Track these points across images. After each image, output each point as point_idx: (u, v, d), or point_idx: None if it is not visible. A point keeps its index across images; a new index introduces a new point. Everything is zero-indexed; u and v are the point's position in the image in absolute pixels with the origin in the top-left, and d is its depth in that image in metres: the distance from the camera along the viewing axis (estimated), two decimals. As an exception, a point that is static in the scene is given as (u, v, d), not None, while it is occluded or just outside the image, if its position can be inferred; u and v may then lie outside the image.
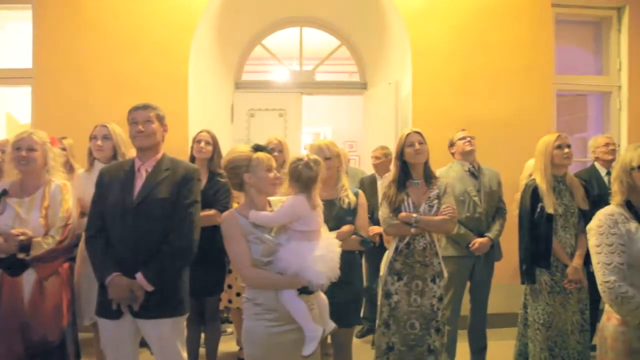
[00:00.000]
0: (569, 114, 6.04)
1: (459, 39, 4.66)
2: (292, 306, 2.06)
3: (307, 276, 2.06)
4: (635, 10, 4.98)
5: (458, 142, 3.50)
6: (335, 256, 2.17)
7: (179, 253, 2.26)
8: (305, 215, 2.16)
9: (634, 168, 2.10)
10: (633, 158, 2.11)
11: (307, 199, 2.18)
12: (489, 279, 3.51)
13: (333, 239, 2.21)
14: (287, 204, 2.15)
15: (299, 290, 2.07)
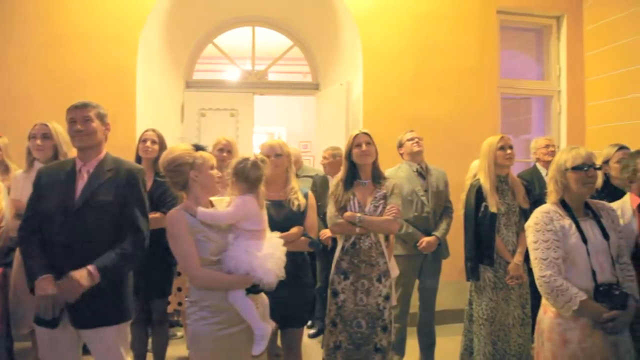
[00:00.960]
0: (514, 116, 6.28)
1: (409, 41, 4.76)
2: (241, 306, 2.04)
3: (258, 275, 2.04)
4: (572, 20, 5.24)
5: (406, 143, 3.56)
6: (282, 255, 2.18)
7: (128, 258, 2.15)
8: (255, 214, 2.15)
9: (568, 169, 2.21)
10: (567, 159, 2.22)
11: (256, 198, 2.18)
12: (437, 276, 3.59)
13: (276, 239, 2.21)
14: (238, 203, 2.13)
15: (248, 290, 2.05)
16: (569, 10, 5.24)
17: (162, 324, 3.21)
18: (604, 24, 4.98)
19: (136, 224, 2.19)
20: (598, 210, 2.27)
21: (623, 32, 4.71)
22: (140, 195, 2.25)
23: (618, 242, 2.21)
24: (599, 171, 3.16)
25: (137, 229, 2.19)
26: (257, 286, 2.04)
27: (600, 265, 2.12)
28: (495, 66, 5.01)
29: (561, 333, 2.15)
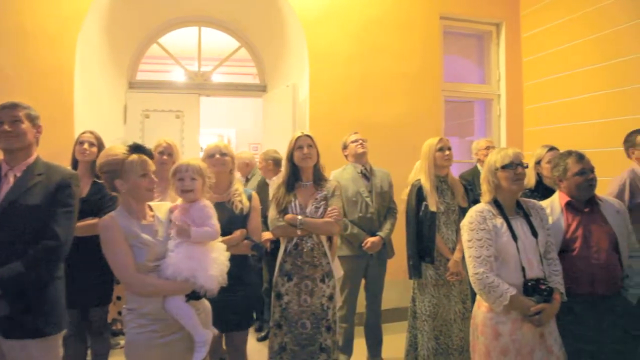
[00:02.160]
0: (458, 118, 6.48)
1: (355, 45, 4.82)
2: (180, 313, 2.00)
3: (200, 281, 2.01)
4: (510, 27, 5.47)
5: (350, 145, 3.61)
6: (225, 260, 2.15)
7: (36, 266, 2.01)
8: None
9: (498, 168, 2.31)
10: (497, 160, 2.32)
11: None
12: (382, 276, 3.65)
13: (219, 243, 2.18)
14: (211, 210, 2.14)
15: (188, 296, 2.01)
16: (507, 17, 5.47)
17: (101, 334, 3.10)
18: (540, 32, 5.23)
19: (53, 230, 2.06)
20: (528, 209, 2.38)
21: (558, 39, 4.96)
22: (67, 201, 2.14)
23: (546, 239, 2.32)
24: (533, 171, 3.37)
25: (53, 235, 2.05)
26: (197, 293, 2.01)
27: (529, 261, 2.22)
28: (439, 70, 5.16)
29: (493, 327, 2.24)
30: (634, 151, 3.31)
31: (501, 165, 2.29)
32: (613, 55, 4.34)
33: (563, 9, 4.89)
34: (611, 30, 4.35)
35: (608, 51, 4.39)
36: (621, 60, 4.27)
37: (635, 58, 4.16)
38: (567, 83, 4.85)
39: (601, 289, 2.38)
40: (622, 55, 4.26)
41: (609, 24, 4.36)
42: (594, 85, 4.54)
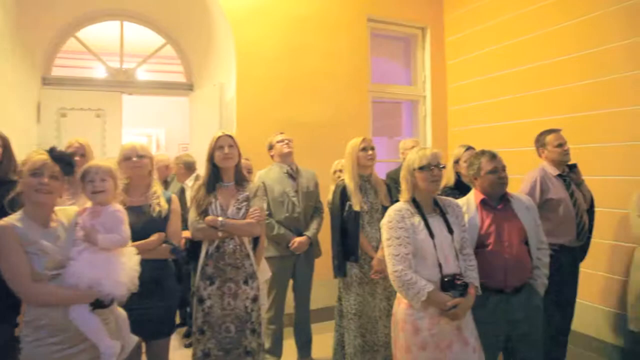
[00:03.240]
0: (387, 119, 6.62)
1: (283, 45, 4.79)
2: (84, 323, 1.88)
3: (105, 289, 1.90)
4: (434, 31, 5.67)
5: (276, 145, 3.58)
6: (135, 265, 2.06)
7: None
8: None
9: (415, 169, 2.37)
10: (415, 160, 2.38)
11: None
12: (310, 275, 3.66)
13: (129, 248, 2.09)
14: (122, 215, 2.04)
15: (92, 305, 1.90)
16: (432, 22, 5.65)
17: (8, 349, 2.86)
18: (463, 36, 5.45)
19: None
20: (445, 207, 2.45)
21: (480, 44, 5.19)
22: None
23: (462, 236, 2.41)
24: (453, 170, 3.49)
25: None
26: (102, 301, 1.90)
27: (445, 258, 2.29)
28: (367, 71, 5.24)
29: (413, 322, 2.29)
30: (544, 151, 3.50)
31: (419, 166, 2.35)
32: (528, 60, 4.61)
33: (484, 15, 5.12)
34: (527, 36, 4.61)
35: (524, 56, 4.65)
36: (535, 65, 4.54)
37: (547, 63, 4.43)
38: (487, 86, 5.09)
39: (512, 281, 2.51)
40: (536, 60, 4.52)
41: (526, 31, 4.62)
42: (511, 88, 4.79)
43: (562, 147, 3.43)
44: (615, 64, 3.87)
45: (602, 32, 3.96)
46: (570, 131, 3.69)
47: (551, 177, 3.41)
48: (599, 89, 4.00)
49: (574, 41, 4.18)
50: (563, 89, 4.29)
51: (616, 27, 3.87)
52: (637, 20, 3.71)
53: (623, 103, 3.82)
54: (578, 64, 4.16)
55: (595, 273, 3.96)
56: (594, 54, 4.04)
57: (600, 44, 3.99)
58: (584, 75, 4.11)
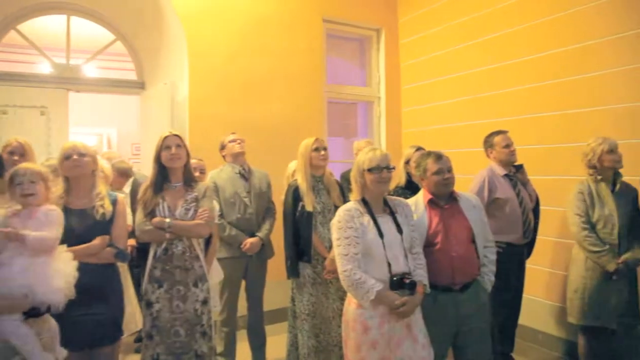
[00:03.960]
0: (344, 119, 6.66)
1: (237, 43, 4.73)
2: (16, 335, 1.78)
3: (39, 296, 1.81)
4: (389, 33, 5.74)
5: (228, 145, 3.54)
6: (72, 270, 1.98)
7: None
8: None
9: (365, 170, 2.38)
10: (365, 161, 2.39)
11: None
12: (263, 277, 3.62)
13: (65, 253, 2.00)
14: (55, 215, 1.98)
15: (26, 314, 1.80)
16: (386, 24, 5.72)
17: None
18: (417, 39, 5.54)
19: None
20: (395, 207, 2.47)
21: (433, 46, 5.29)
22: None
23: (411, 235, 2.44)
24: (404, 170, 3.54)
25: None
26: (38, 309, 1.81)
27: (394, 257, 2.32)
28: (322, 72, 5.25)
29: (363, 322, 2.30)
30: (492, 151, 3.61)
31: (368, 167, 2.37)
32: (478, 64, 4.73)
33: (436, 19, 5.23)
34: (478, 40, 4.74)
35: (474, 60, 4.78)
36: (485, 69, 4.67)
37: (495, 67, 4.56)
38: (439, 88, 5.20)
39: (460, 279, 2.56)
40: (486, 64, 4.65)
41: (477, 35, 4.74)
42: (462, 90, 4.91)
43: (509, 148, 3.54)
44: (559, 68, 4.03)
45: (549, 37, 4.11)
46: (518, 133, 3.83)
47: (499, 177, 3.52)
48: (543, 92, 4.16)
49: (522, 46, 4.32)
50: (511, 92, 4.43)
51: (561, 33, 4.02)
52: (582, 26, 3.88)
53: (566, 106, 3.98)
54: (524, 68, 4.31)
55: (541, 269, 4.11)
56: (539, 59, 4.19)
57: (545, 48, 4.14)
58: (530, 79, 4.26)
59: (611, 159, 3.05)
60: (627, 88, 3.58)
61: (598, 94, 3.77)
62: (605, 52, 3.72)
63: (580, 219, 3.09)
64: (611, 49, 3.68)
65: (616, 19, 3.66)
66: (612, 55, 3.67)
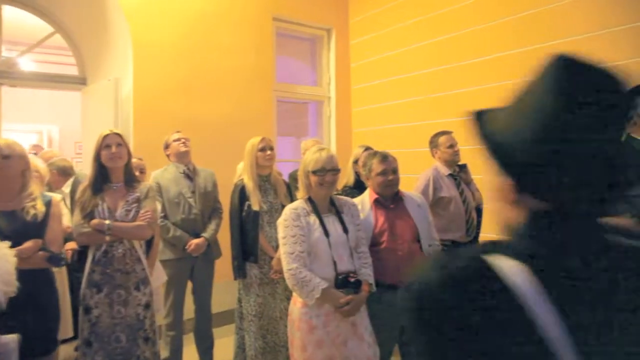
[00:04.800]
0: (295, 118, 6.64)
1: (184, 39, 4.61)
2: None
3: None
4: (339, 34, 5.78)
5: (173, 144, 3.44)
6: (11, 267, 1.87)
7: None
8: None
9: (310, 171, 2.38)
10: (310, 162, 2.39)
11: None
12: (210, 278, 3.55)
13: (5, 249, 1.89)
14: None
15: None
16: (337, 24, 5.75)
17: None
18: (367, 39, 5.60)
19: None
20: (341, 207, 2.49)
21: (383, 47, 5.36)
22: None
23: (357, 234, 2.46)
24: (352, 169, 3.56)
25: None
26: None
27: (339, 256, 2.33)
28: (272, 70, 5.21)
29: (308, 321, 2.30)
30: (437, 151, 3.69)
31: (312, 169, 2.37)
32: (425, 65, 4.84)
33: (386, 21, 5.30)
34: (425, 42, 4.84)
35: (422, 61, 4.88)
36: (431, 70, 4.78)
37: (442, 69, 4.68)
38: (388, 88, 5.28)
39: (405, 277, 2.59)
40: (433, 66, 4.77)
41: (425, 37, 4.85)
42: (410, 91, 5.00)
43: (453, 148, 3.63)
44: (502, 71, 4.18)
45: (493, 41, 4.27)
46: (462, 133, 3.93)
47: (443, 177, 3.60)
48: (486, 94, 4.30)
49: (468, 49, 4.46)
50: (456, 94, 4.56)
51: (505, 37, 4.18)
52: (524, 31, 4.04)
53: (506, 108, 4.13)
54: (469, 70, 4.45)
55: (484, 265, 4.23)
56: (484, 62, 4.34)
57: (489, 52, 4.29)
58: (474, 81, 4.40)
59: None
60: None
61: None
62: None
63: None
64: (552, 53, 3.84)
65: (555, 25, 3.83)
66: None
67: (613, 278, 0.71)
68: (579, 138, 0.66)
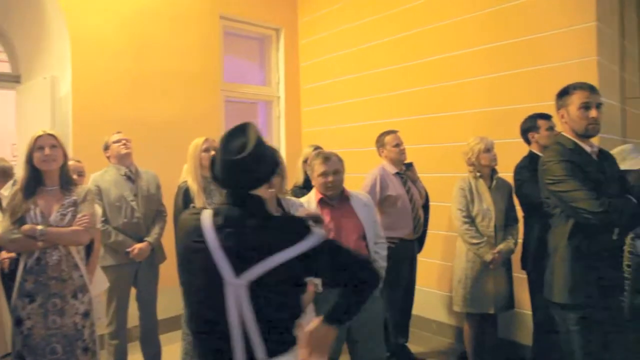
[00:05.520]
0: (244, 118, 6.50)
1: (127, 36, 4.45)
2: None
3: None
4: (288, 33, 5.75)
5: (113, 145, 3.32)
6: None
7: None
8: None
9: None
10: None
11: None
12: (154, 283, 3.45)
13: None
14: None
15: None
16: (286, 24, 5.72)
17: None
18: (316, 39, 5.60)
19: None
20: (288, 208, 2.48)
21: (331, 47, 5.38)
22: None
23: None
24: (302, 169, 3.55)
25: None
26: None
27: None
28: (219, 70, 5.12)
29: None
30: (383, 150, 3.74)
31: None
32: (374, 66, 4.89)
33: (335, 21, 5.32)
34: (374, 43, 4.89)
35: (370, 62, 4.93)
36: (379, 71, 4.84)
37: (390, 69, 4.75)
38: (337, 88, 5.31)
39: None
40: (381, 66, 4.82)
41: (373, 38, 4.89)
42: (358, 91, 5.05)
43: (399, 147, 3.70)
44: (444, 73, 4.29)
45: (436, 44, 4.36)
46: (408, 132, 4.01)
47: (390, 175, 3.66)
48: (431, 94, 4.41)
49: (413, 50, 4.54)
50: (402, 94, 4.63)
51: (446, 40, 4.28)
52: (464, 35, 4.15)
53: (450, 108, 4.25)
54: (414, 72, 4.53)
55: (432, 262, 4.34)
56: (427, 63, 4.44)
57: (432, 54, 4.39)
58: (419, 81, 4.49)
59: (487, 157, 3.29)
60: (503, 93, 3.89)
61: (476, 97, 4.07)
62: (484, 60, 4.01)
63: (461, 214, 3.29)
64: (489, 56, 3.98)
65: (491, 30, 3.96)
66: (490, 62, 3.97)
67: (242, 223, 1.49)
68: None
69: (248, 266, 1.40)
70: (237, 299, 1.40)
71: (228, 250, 1.42)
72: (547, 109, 3.12)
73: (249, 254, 1.42)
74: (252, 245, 1.43)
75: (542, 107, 3.28)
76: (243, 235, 1.44)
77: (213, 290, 1.42)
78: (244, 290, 1.40)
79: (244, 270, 1.41)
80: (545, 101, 2.85)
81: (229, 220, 1.47)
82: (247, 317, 1.40)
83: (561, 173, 2.24)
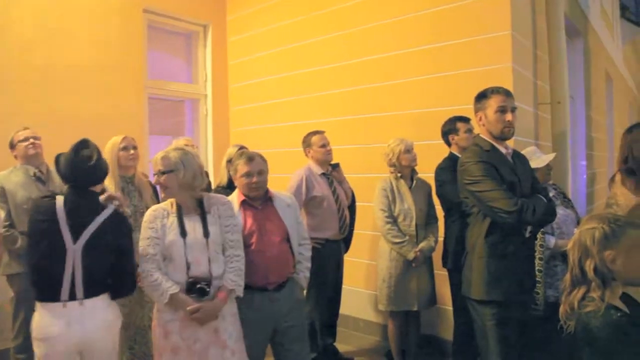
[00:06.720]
0: (170, 116, 6.33)
1: (37, 28, 4.14)
2: None
3: None
4: (217, 30, 5.63)
5: (19, 145, 3.09)
6: None
7: None
8: None
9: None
10: None
11: None
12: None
13: None
14: None
15: None
16: (214, 20, 5.59)
17: None
18: (245, 37, 5.52)
19: None
20: (210, 206, 2.38)
21: (260, 46, 5.33)
22: None
23: (224, 236, 2.36)
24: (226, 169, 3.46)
25: None
26: None
27: (196, 259, 2.26)
28: (142, 66, 4.91)
29: (163, 326, 2.26)
30: (310, 150, 3.74)
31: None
32: (303, 65, 4.90)
33: (265, 19, 5.27)
34: (304, 42, 4.89)
35: (299, 61, 4.93)
36: (308, 71, 4.85)
37: (319, 70, 4.77)
38: (266, 88, 5.27)
39: (274, 278, 2.58)
40: (310, 66, 4.84)
41: (303, 37, 4.89)
42: (287, 91, 5.04)
43: (325, 148, 3.71)
44: (370, 75, 4.38)
45: (361, 46, 4.44)
46: (334, 133, 4.03)
47: (316, 176, 3.67)
48: (356, 96, 4.48)
49: (339, 52, 4.59)
50: (328, 95, 4.68)
51: (371, 43, 4.36)
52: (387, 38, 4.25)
53: (375, 109, 4.34)
54: (340, 73, 4.59)
55: (359, 261, 4.40)
56: (353, 65, 4.51)
57: (358, 56, 4.46)
58: (345, 83, 4.56)
59: (408, 158, 3.38)
60: (426, 95, 4.02)
61: (400, 99, 4.18)
62: (407, 63, 4.14)
63: (383, 214, 3.36)
64: (412, 60, 4.10)
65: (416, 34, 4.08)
66: (412, 65, 4.10)
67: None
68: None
69: (80, 235, 2.09)
70: (74, 259, 2.07)
71: (70, 225, 2.10)
72: (466, 112, 3.25)
73: (81, 228, 2.11)
74: (83, 222, 2.11)
75: (462, 110, 3.42)
76: (80, 217, 2.12)
77: (56, 251, 2.06)
78: (78, 253, 2.08)
79: (77, 238, 2.09)
80: (465, 104, 2.97)
81: (73, 204, 2.14)
82: (76, 270, 2.07)
83: (478, 174, 2.34)
